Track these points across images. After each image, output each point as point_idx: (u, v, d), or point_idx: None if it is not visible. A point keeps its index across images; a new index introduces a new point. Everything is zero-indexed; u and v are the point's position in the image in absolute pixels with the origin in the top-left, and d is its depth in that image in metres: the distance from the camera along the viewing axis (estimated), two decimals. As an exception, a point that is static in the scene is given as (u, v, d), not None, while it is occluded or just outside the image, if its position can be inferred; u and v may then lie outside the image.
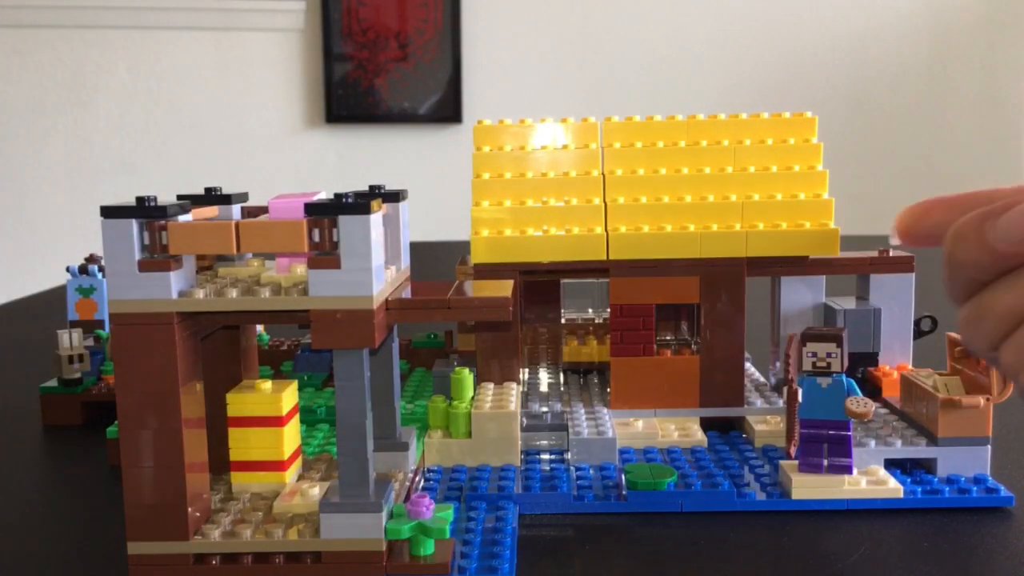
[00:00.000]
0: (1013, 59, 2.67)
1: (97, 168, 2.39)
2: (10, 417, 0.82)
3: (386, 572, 0.47)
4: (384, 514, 0.47)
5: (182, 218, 0.46)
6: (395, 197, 0.55)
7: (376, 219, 0.45)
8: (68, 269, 0.89)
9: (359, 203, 0.44)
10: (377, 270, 0.46)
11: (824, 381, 0.56)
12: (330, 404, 0.75)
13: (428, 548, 0.48)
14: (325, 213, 0.44)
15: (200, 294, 0.45)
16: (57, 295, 1.12)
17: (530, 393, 0.76)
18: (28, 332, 1.19)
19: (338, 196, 0.45)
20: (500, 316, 0.49)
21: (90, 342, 0.83)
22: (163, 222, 0.44)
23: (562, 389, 0.78)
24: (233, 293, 0.45)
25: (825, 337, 0.55)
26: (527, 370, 0.82)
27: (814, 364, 0.56)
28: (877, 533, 0.53)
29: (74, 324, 0.88)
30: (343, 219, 0.44)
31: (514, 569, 0.48)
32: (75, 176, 2.36)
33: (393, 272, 0.53)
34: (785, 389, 0.57)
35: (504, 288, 0.52)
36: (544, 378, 0.80)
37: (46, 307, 1.29)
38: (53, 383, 0.80)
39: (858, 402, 0.54)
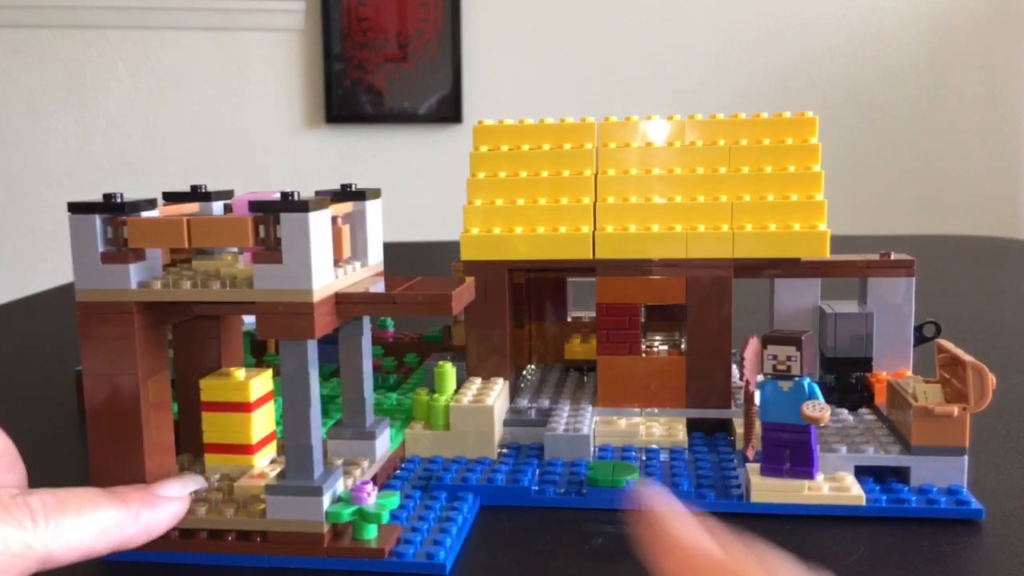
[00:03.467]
0: (1013, 59, 2.53)
1: (97, 168, 2.46)
2: (48, 397, 0.88)
3: (326, 554, 0.49)
4: (326, 498, 0.49)
5: (147, 214, 0.49)
6: (362, 195, 0.57)
7: (317, 217, 0.48)
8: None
9: (299, 202, 0.46)
10: (319, 266, 0.48)
11: (786, 384, 0.55)
12: (329, 394, 0.78)
13: (371, 533, 0.50)
14: (269, 211, 0.47)
15: (158, 285, 0.48)
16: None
17: (525, 389, 0.78)
18: (64, 318, 1.26)
19: (284, 195, 0.48)
20: (442, 312, 0.50)
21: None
22: (123, 218, 0.48)
23: (559, 386, 0.79)
24: (187, 285, 0.48)
25: (785, 340, 0.55)
26: (531, 366, 0.83)
27: (774, 367, 0.55)
28: (838, 542, 0.52)
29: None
30: (285, 217, 0.47)
31: (454, 556, 0.50)
32: (75, 176, 2.43)
33: (356, 267, 0.55)
34: (742, 392, 0.57)
35: (456, 285, 0.53)
36: (544, 375, 0.81)
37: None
38: (87, 367, 0.85)
39: (814, 406, 0.54)
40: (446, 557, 0.49)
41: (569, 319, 0.86)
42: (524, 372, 0.82)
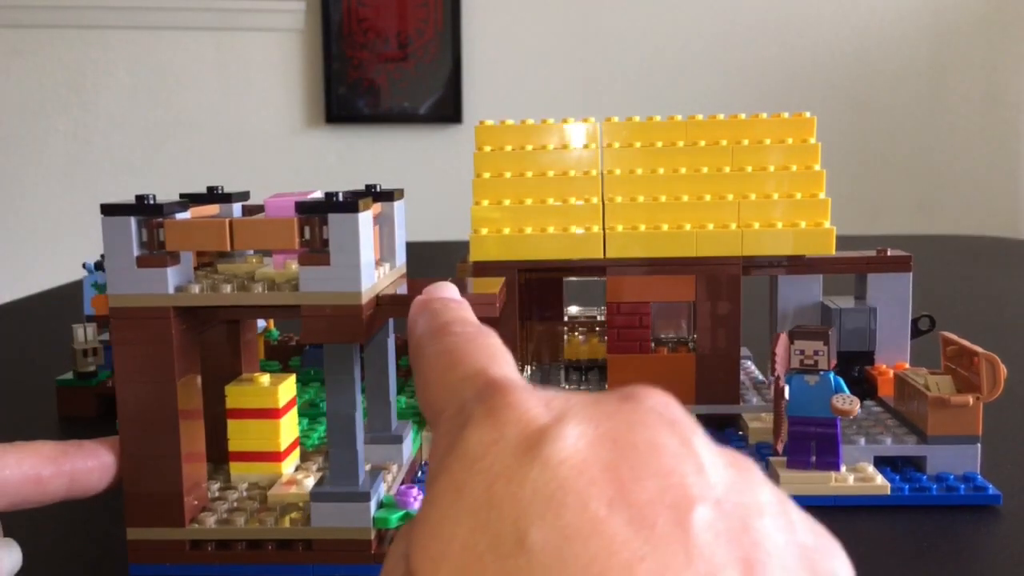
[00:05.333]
0: (1013, 59, 2.64)
1: (97, 168, 2.41)
2: (27, 407, 0.84)
3: (374, 560, 0.48)
4: (373, 503, 0.48)
5: (180, 216, 0.48)
6: (389, 196, 0.56)
7: (365, 217, 0.47)
8: (84, 265, 0.91)
9: (348, 202, 0.46)
10: (366, 267, 0.47)
11: (812, 379, 0.57)
12: (334, 398, 0.77)
13: (416, 537, 0.49)
14: (315, 211, 0.46)
15: (196, 289, 0.47)
16: (71, 291, 1.15)
17: (530, 389, 0.78)
18: (43, 326, 1.22)
19: (328, 195, 0.47)
20: (488, 313, 0.50)
21: (104, 336, 0.85)
22: (160, 220, 0.46)
23: (562, 386, 0.79)
24: (227, 288, 0.47)
25: (812, 335, 0.56)
26: (530, 367, 0.83)
27: (801, 362, 0.57)
28: (866, 532, 0.54)
29: (89, 319, 0.90)
30: (333, 217, 0.46)
31: (500, 559, 0.49)
32: (75, 176, 2.38)
33: (387, 269, 0.54)
34: (772, 386, 0.58)
35: (492, 285, 0.53)
36: (545, 375, 0.81)
37: (60, 302, 1.32)
38: (69, 376, 0.82)
39: (844, 399, 0.55)
40: (496, 559, 0.49)
41: (565, 319, 0.86)
42: (523, 373, 0.82)
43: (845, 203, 0.86)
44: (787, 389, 0.56)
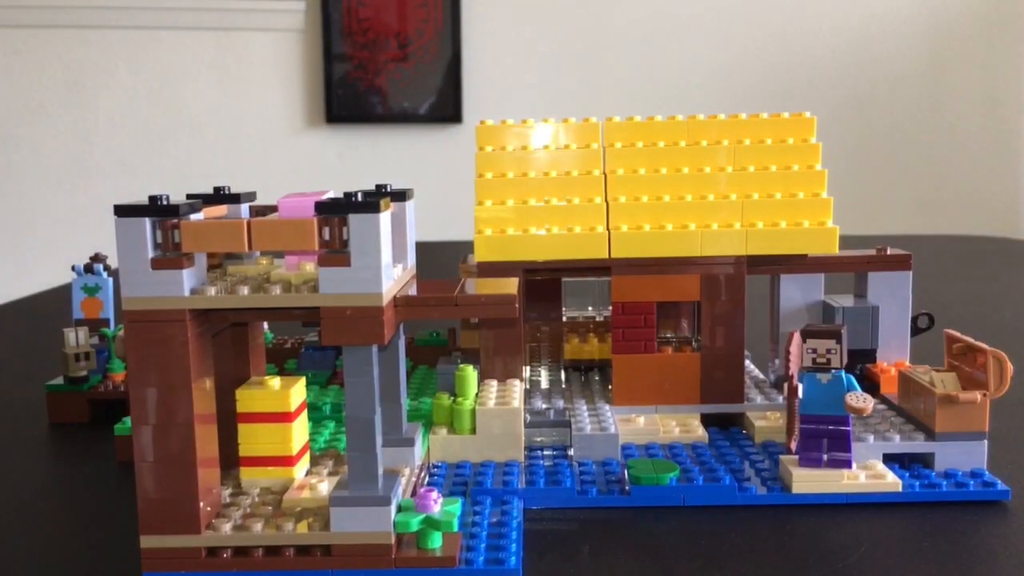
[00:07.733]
0: (1013, 59, 2.67)
1: (97, 168, 2.38)
2: (16, 414, 0.82)
3: (395, 565, 0.47)
4: (393, 508, 0.48)
5: (194, 217, 0.47)
6: (401, 196, 0.55)
7: (385, 218, 0.46)
8: (73, 268, 0.90)
9: (369, 202, 0.45)
10: (386, 268, 0.47)
11: (824, 377, 0.57)
12: (335, 401, 0.76)
13: (435, 541, 0.49)
14: (335, 212, 0.45)
15: (212, 291, 0.46)
16: (60, 294, 1.12)
17: (532, 390, 0.77)
18: (31, 330, 1.19)
19: (347, 195, 0.46)
20: (507, 313, 0.50)
21: (96, 340, 0.84)
22: (175, 220, 0.45)
23: (564, 386, 0.79)
24: (244, 291, 0.46)
25: (825, 334, 0.56)
26: (528, 368, 0.83)
27: (814, 360, 0.57)
28: (877, 530, 0.54)
29: (79, 323, 0.89)
30: (353, 218, 0.45)
31: (520, 561, 0.49)
32: (75, 176, 2.36)
33: (400, 270, 0.54)
34: (785, 385, 0.58)
35: (509, 286, 0.52)
36: (546, 375, 0.81)
37: (48, 305, 1.30)
38: (59, 381, 0.80)
39: (857, 397, 0.55)
40: (517, 562, 0.48)
41: (564, 319, 0.86)
42: (524, 373, 0.81)
43: (845, 203, 0.86)
44: (800, 388, 0.57)
